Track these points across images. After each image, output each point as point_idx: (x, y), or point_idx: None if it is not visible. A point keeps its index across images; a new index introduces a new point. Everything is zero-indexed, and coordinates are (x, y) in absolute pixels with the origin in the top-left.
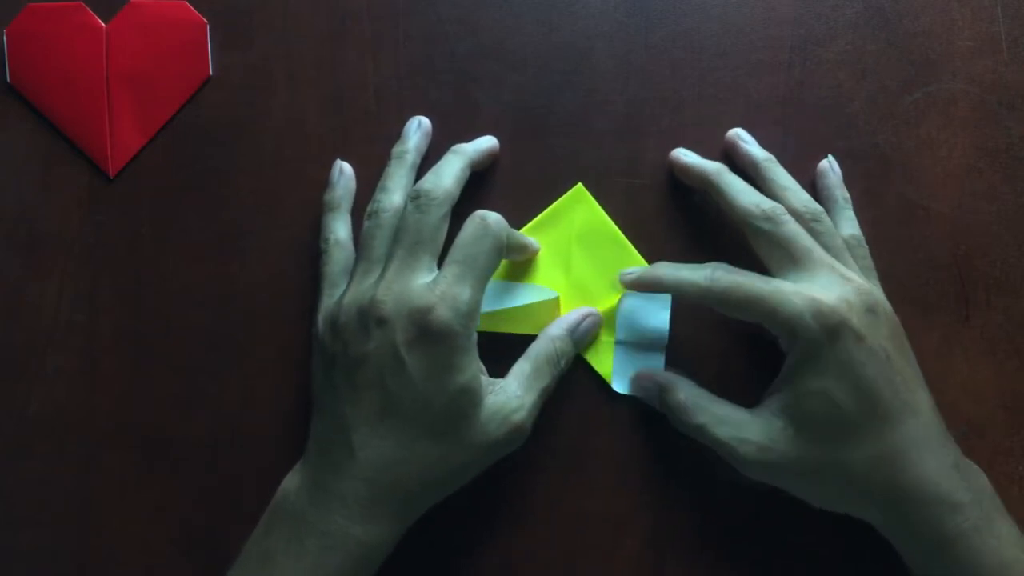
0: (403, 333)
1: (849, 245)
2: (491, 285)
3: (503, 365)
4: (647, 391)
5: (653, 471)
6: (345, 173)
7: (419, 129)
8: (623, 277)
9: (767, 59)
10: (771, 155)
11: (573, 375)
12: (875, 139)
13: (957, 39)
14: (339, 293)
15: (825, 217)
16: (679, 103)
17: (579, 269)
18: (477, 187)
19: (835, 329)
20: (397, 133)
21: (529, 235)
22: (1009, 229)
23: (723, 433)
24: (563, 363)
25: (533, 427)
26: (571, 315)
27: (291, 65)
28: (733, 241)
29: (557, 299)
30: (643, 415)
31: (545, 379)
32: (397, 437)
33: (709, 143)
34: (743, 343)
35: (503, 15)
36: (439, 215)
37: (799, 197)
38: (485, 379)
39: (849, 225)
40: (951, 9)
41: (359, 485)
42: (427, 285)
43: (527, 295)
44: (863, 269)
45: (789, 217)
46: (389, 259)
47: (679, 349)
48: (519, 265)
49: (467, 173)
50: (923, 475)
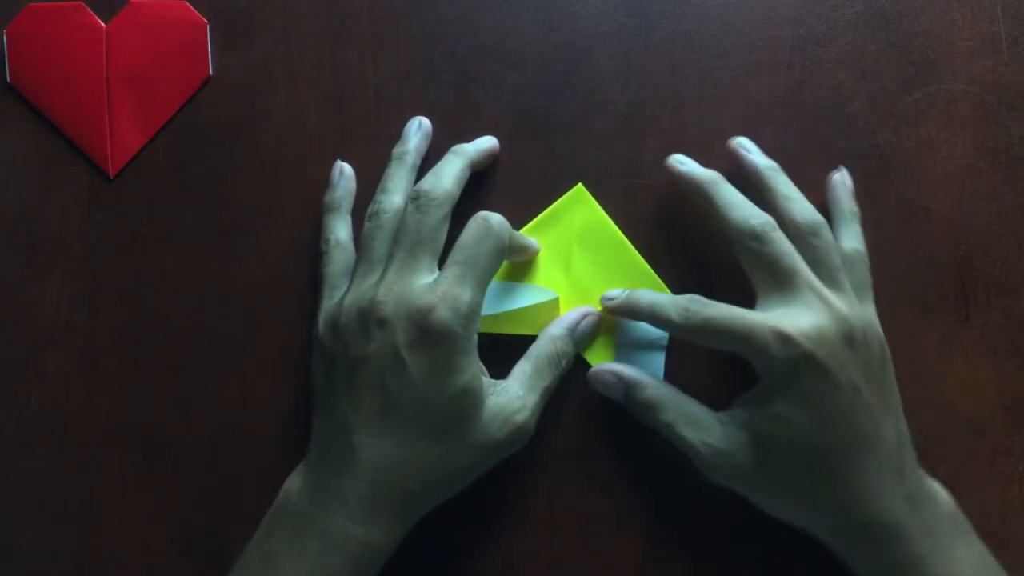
0: (404, 334)
1: (850, 260)
2: (491, 286)
3: (504, 366)
4: (609, 387)
5: (653, 471)
6: (345, 174)
7: (419, 130)
8: (604, 301)
9: (767, 59)
10: (774, 163)
11: (573, 375)
12: (875, 139)
13: (957, 39)
14: (340, 294)
15: (824, 231)
16: (679, 103)
17: (579, 269)
18: (477, 187)
19: (800, 361)
20: (397, 133)
21: (529, 235)
22: (1009, 229)
23: (688, 434)
24: (564, 363)
25: (535, 428)
26: (571, 315)
27: (291, 65)
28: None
29: (557, 300)
30: None
31: (546, 379)
32: (398, 438)
33: (709, 143)
34: None
35: (503, 15)
36: (439, 216)
37: (801, 208)
38: (486, 380)
39: (852, 239)
40: (951, 9)
41: (360, 486)
42: (428, 286)
43: (527, 297)
44: (858, 286)
45: (778, 235)
46: (389, 260)
47: (679, 349)
48: (519, 265)
49: (467, 173)
50: (871, 506)
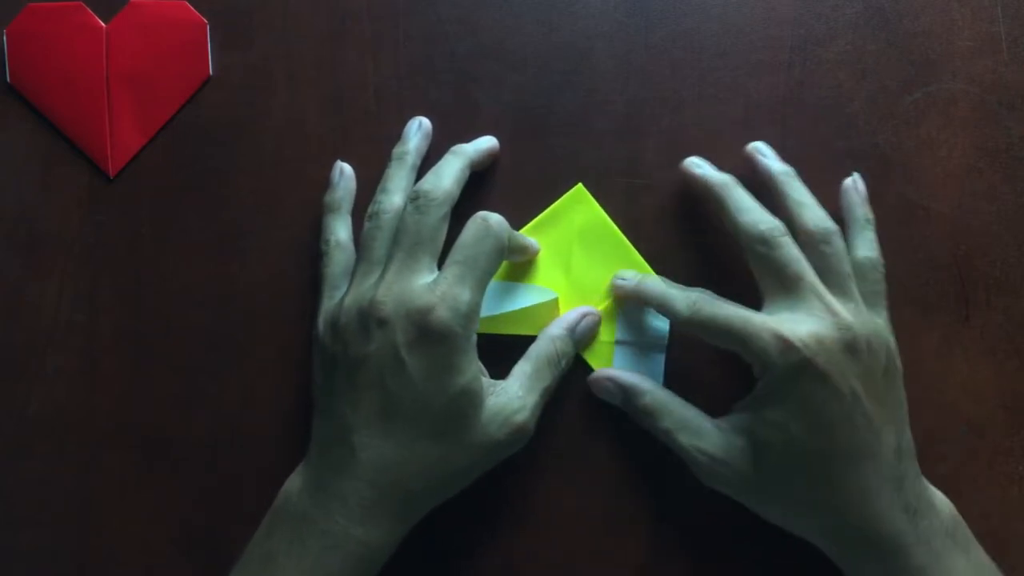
0: (403, 334)
1: (862, 268)
2: (490, 286)
3: (504, 366)
4: (608, 393)
5: (654, 471)
6: (345, 174)
7: (419, 130)
8: (616, 281)
9: (767, 59)
10: (790, 168)
11: (573, 375)
12: (875, 139)
13: (957, 39)
14: (340, 294)
15: (836, 238)
16: (679, 103)
17: (579, 269)
18: (477, 187)
19: (799, 367)
20: (397, 133)
21: (529, 235)
22: (1009, 229)
23: (685, 440)
24: (564, 363)
25: (535, 428)
26: (570, 315)
27: (291, 65)
28: (732, 241)
29: (556, 300)
30: None
31: (546, 379)
32: (398, 438)
33: (709, 143)
34: None
35: (503, 15)
36: (439, 216)
37: (813, 214)
38: (486, 380)
39: (866, 247)
40: (951, 9)
41: (360, 486)
42: (427, 286)
43: (526, 297)
44: (870, 295)
45: (786, 240)
46: (389, 260)
47: (679, 349)
48: (519, 265)
49: (467, 173)
50: (867, 515)
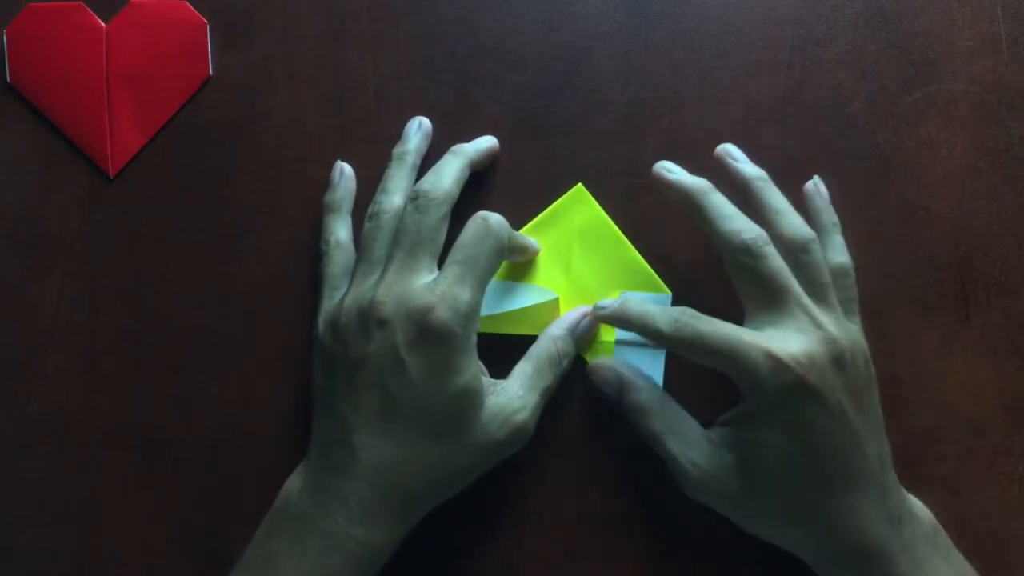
0: (403, 334)
1: (835, 275)
2: (490, 286)
3: (504, 366)
4: (605, 382)
5: (654, 472)
6: (346, 174)
7: (419, 130)
8: (597, 311)
9: (767, 59)
10: (763, 173)
11: (573, 375)
12: (875, 139)
13: (957, 39)
14: (340, 295)
15: (815, 245)
16: (679, 103)
17: (579, 269)
18: (477, 187)
19: (790, 387)
20: (397, 133)
21: (529, 235)
22: (1009, 229)
23: (674, 447)
24: (565, 363)
25: (535, 428)
26: (571, 314)
27: (291, 65)
28: None
29: (556, 300)
30: None
31: (547, 379)
32: (398, 438)
33: (709, 143)
34: None
35: (503, 15)
36: (438, 215)
37: (791, 222)
38: (486, 380)
39: (837, 253)
40: (951, 9)
41: (360, 486)
42: (427, 285)
43: (526, 297)
44: (845, 302)
45: (770, 250)
46: (389, 260)
47: None
48: (519, 265)
49: (467, 173)
50: (854, 529)
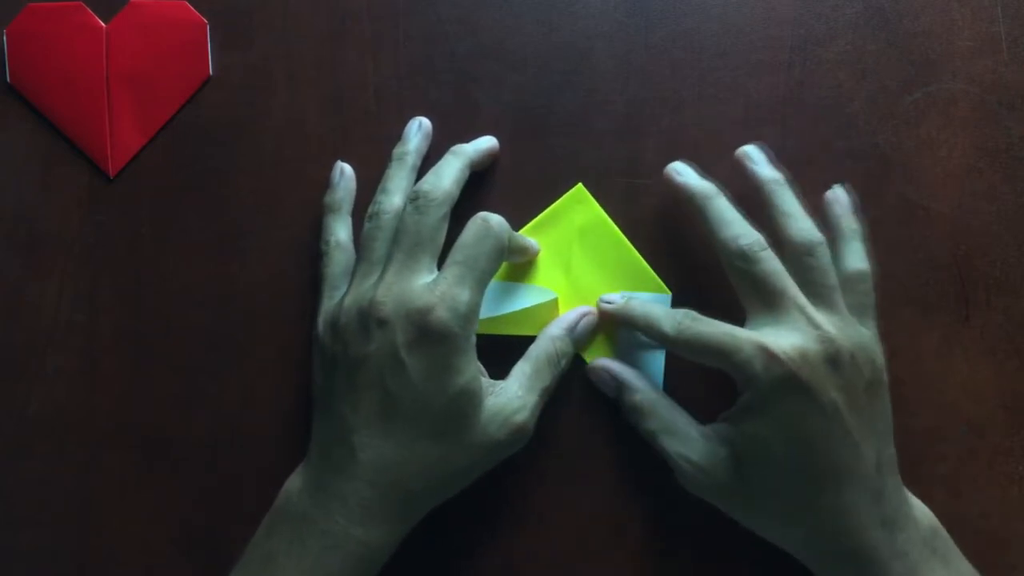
0: (403, 334)
1: (849, 280)
2: (490, 287)
3: (504, 366)
4: (603, 383)
5: (653, 472)
6: (346, 174)
7: (419, 130)
8: (602, 303)
9: (767, 59)
10: (780, 176)
11: (573, 375)
12: (875, 139)
13: (957, 39)
14: (340, 295)
15: (822, 249)
16: (679, 103)
17: (579, 269)
18: (477, 187)
19: (782, 381)
20: (397, 133)
21: (529, 235)
22: (1009, 229)
23: (670, 445)
24: (564, 363)
25: (535, 428)
26: (570, 314)
27: (291, 65)
28: None
29: (556, 300)
30: None
31: (546, 379)
32: (397, 438)
33: (709, 143)
34: None
35: (503, 15)
36: (438, 216)
37: (799, 225)
38: (486, 380)
39: (854, 259)
40: (951, 9)
41: (360, 486)
42: (427, 286)
43: (525, 298)
44: (858, 307)
45: (766, 254)
46: (389, 260)
47: None
48: (519, 265)
49: (466, 173)
50: (845, 530)
